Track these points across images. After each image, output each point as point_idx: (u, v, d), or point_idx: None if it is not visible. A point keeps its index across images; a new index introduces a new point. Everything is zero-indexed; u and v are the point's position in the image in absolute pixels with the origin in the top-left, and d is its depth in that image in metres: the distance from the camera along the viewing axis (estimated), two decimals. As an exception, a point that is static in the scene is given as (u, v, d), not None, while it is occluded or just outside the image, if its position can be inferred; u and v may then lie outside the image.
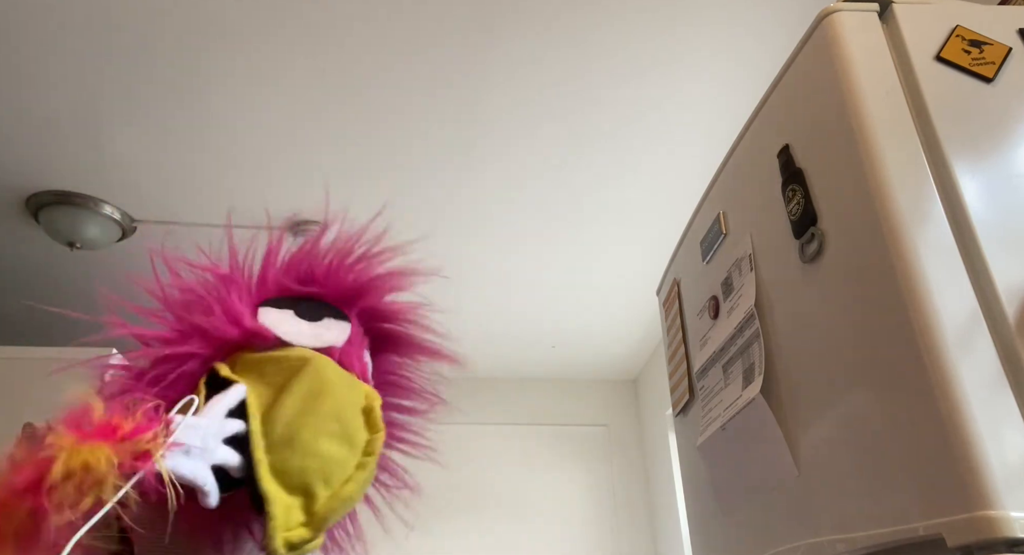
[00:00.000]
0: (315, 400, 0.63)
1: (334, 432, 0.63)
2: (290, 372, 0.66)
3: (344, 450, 0.63)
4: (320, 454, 0.61)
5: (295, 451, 0.60)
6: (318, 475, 0.61)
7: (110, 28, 1.66)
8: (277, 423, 0.61)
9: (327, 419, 0.63)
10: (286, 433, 0.61)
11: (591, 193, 2.26)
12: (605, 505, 3.30)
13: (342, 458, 0.63)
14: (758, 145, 1.03)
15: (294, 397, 0.63)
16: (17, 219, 2.25)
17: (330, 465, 0.62)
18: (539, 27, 1.69)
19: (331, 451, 0.62)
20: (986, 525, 0.60)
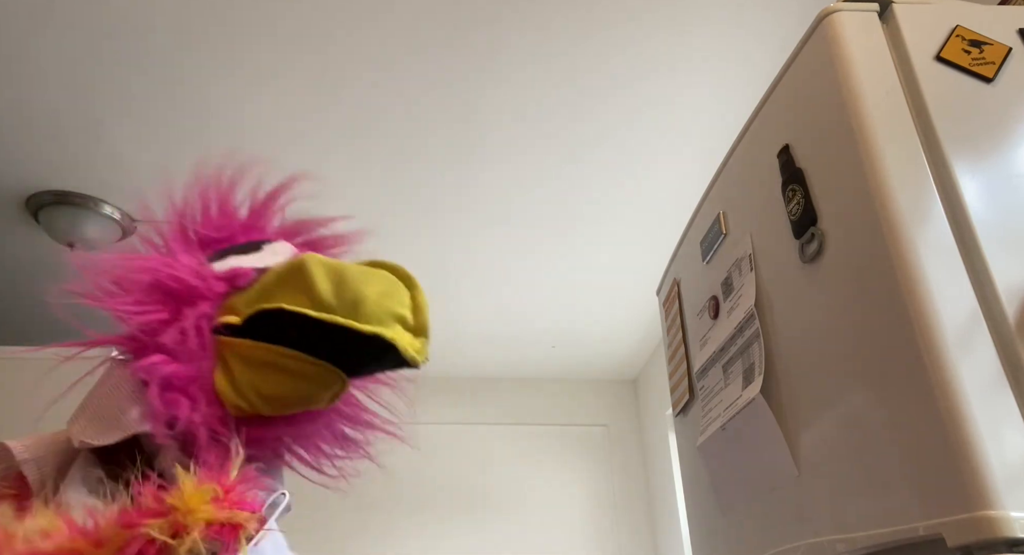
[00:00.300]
0: (337, 272, 0.69)
1: (370, 278, 0.70)
2: (294, 277, 0.69)
3: (387, 282, 0.71)
4: (380, 292, 0.69)
5: (364, 303, 0.67)
6: (395, 304, 0.70)
7: (110, 28, 1.66)
8: (328, 300, 0.67)
9: (358, 274, 0.70)
10: (344, 298, 0.67)
11: (591, 193, 2.26)
12: (605, 505, 3.30)
13: (393, 287, 0.71)
14: (758, 145, 1.03)
15: (322, 281, 0.68)
16: (17, 219, 2.25)
17: (393, 295, 0.70)
18: (539, 27, 1.69)
19: (383, 287, 0.70)
20: (986, 525, 0.60)
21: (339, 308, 0.67)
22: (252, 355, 0.68)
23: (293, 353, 0.67)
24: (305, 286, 0.68)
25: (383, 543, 3.05)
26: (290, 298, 0.68)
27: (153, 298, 0.69)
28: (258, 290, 0.71)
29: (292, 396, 0.70)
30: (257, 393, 0.68)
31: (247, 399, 0.68)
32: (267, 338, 0.68)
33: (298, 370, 0.68)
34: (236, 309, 0.70)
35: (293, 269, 0.70)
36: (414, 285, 0.74)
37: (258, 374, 0.68)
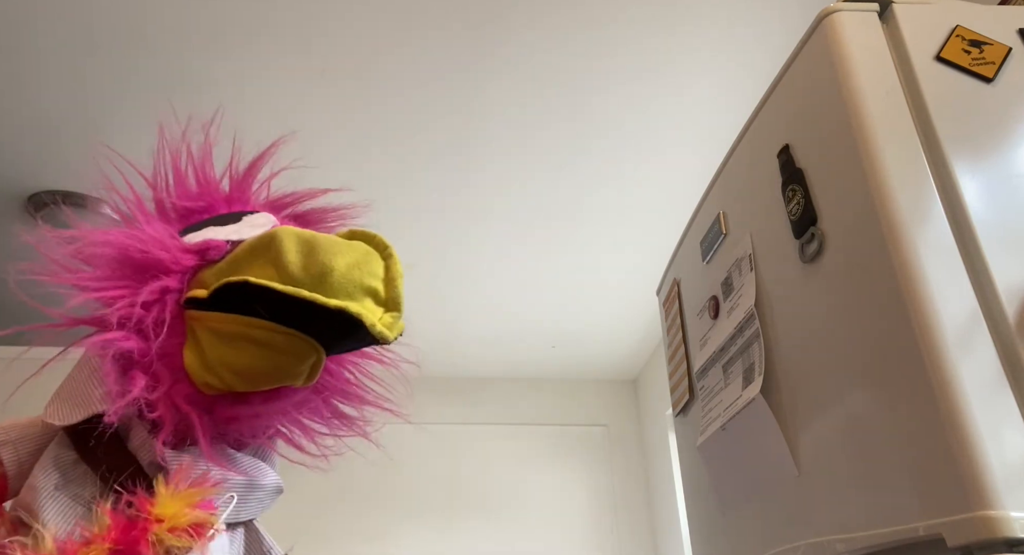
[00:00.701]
0: (308, 243, 0.65)
1: (341, 250, 0.66)
2: (264, 248, 0.66)
3: (361, 253, 0.67)
4: (350, 264, 0.65)
5: (331, 274, 0.64)
6: (365, 276, 0.66)
7: (110, 28, 1.66)
8: (296, 273, 0.64)
9: (329, 245, 0.65)
10: (311, 272, 0.64)
11: (591, 193, 2.26)
12: (605, 505, 3.30)
13: (367, 256, 0.67)
14: (758, 145, 1.03)
15: (291, 254, 0.64)
16: (17, 219, 2.25)
17: (364, 266, 0.66)
18: (540, 26, 1.69)
19: (354, 258, 0.66)
20: (986, 525, 0.60)
21: (305, 281, 0.63)
22: (220, 328, 0.65)
23: (262, 322, 0.64)
24: (274, 257, 0.65)
25: (383, 543, 3.05)
26: (258, 270, 0.65)
27: (117, 273, 0.67)
28: (228, 262, 0.68)
29: (265, 369, 0.67)
30: (228, 368, 0.66)
31: (218, 375, 0.66)
32: (228, 308, 0.65)
33: (268, 341, 0.65)
34: (205, 283, 0.67)
35: (264, 240, 0.67)
36: (389, 255, 0.70)
37: (228, 347, 0.65)
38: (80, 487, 0.64)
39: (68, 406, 0.65)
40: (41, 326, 0.69)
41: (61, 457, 0.65)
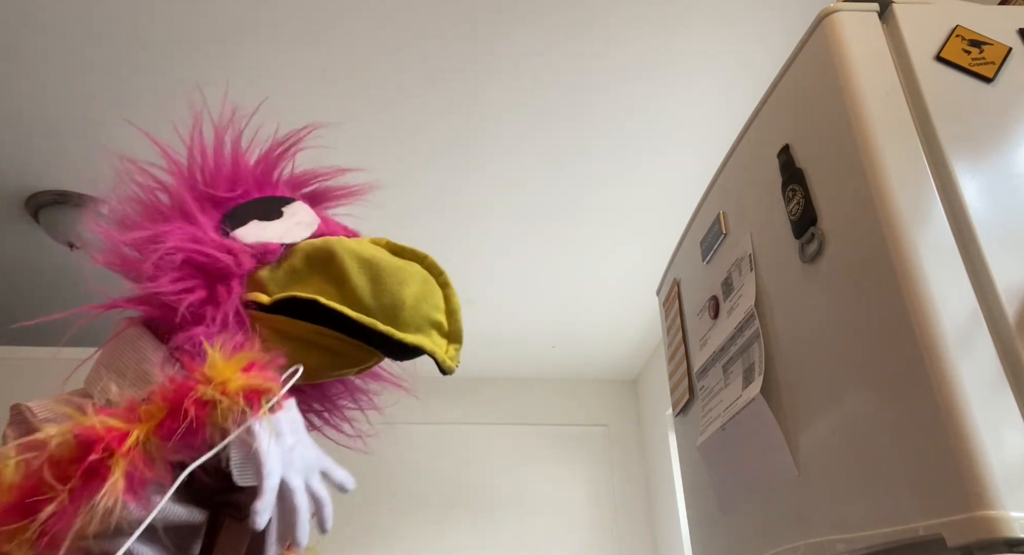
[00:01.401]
0: (371, 268, 0.69)
1: (406, 277, 0.70)
2: (325, 264, 0.71)
3: (423, 283, 0.72)
4: (418, 296, 0.70)
5: (403, 308, 0.69)
6: (431, 309, 0.71)
7: (110, 28, 1.66)
8: (366, 301, 0.68)
9: (393, 273, 0.70)
10: (383, 302, 0.68)
11: (591, 193, 2.26)
12: (605, 505, 3.30)
13: (430, 289, 0.73)
14: (758, 145, 1.03)
15: (356, 277, 0.69)
16: (17, 219, 2.25)
17: (430, 298, 0.72)
18: (540, 26, 1.69)
19: (420, 289, 0.71)
20: (986, 525, 0.60)
21: (377, 311, 0.68)
22: (287, 330, 0.69)
23: (331, 332, 0.69)
24: (337, 277, 0.69)
25: (383, 543, 3.05)
26: (319, 286, 0.70)
27: (187, 274, 0.69)
28: (287, 272, 0.72)
29: (328, 369, 0.72)
30: None
31: None
32: (295, 315, 0.69)
33: (337, 348, 0.70)
34: (263, 286, 0.71)
35: (323, 254, 0.71)
36: (446, 282, 0.75)
37: (294, 348, 0.68)
38: None
39: (125, 385, 0.65)
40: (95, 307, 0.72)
41: None
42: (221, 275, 0.70)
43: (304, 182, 0.89)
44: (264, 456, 0.59)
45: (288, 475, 0.61)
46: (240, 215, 0.76)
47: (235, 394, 0.58)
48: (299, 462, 0.63)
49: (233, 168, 0.81)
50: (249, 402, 0.59)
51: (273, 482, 0.59)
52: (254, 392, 0.60)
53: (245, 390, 0.59)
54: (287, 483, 0.61)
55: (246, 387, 0.59)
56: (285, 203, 0.80)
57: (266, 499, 0.58)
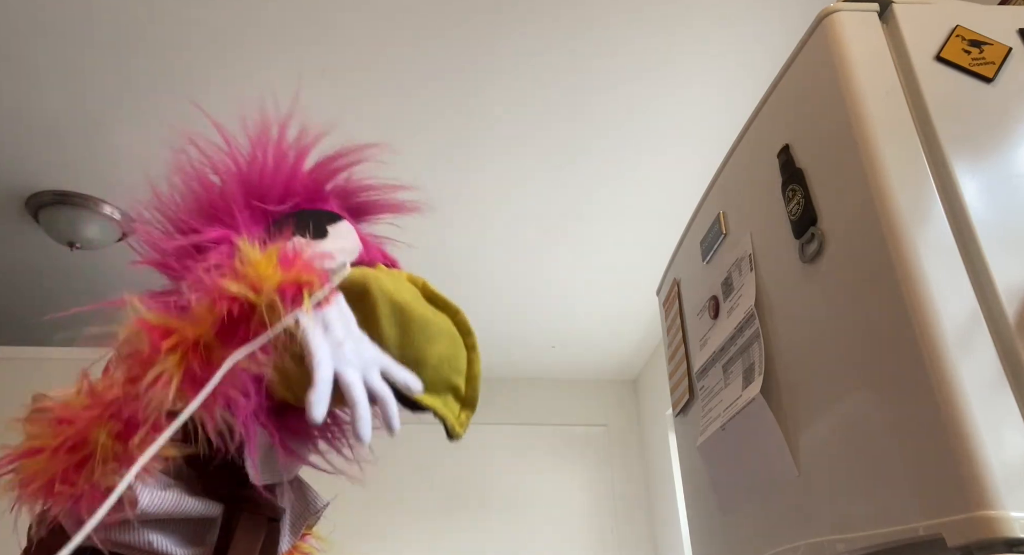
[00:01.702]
0: (402, 316, 0.68)
1: (434, 333, 0.69)
2: (358, 300, 0.69)
3: (451, 342, 0.71)
4: (441, 357, 0.69)
5: (424, 367, 0.68)
6: (451, 372, 0.70)
7: (110, 28, 1.66)
8: (391, 351, 0.67)
9: (423, 327, 0.69)
10: (406, 356, 0.67)
11: (591, 193, 2.26)
12: (605, 505, 3.30)
13: (455, 349, 0.72)
14: (758, 145, 1.03)
15: (386, 322, 0.68)
16: (17, 219, 2.25)
17: (453, 360, 0.71)
18: (540, 26, 1.69)
19: (445, 349, 0.70)
20: (986, 525, 0.60)
21: (404, 362, 0.67)
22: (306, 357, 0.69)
23: None
24: (367, 317, 0.67)
25: (383, 543, 3.05)
26: None
27: None
28: None
29: (337, 401, 0.71)
30: (306, 392, 0.68)
31: (295, 395, 0.68)
32: None
33: None
34: None
35: (358, 291, 0.69)
36: (473, 345, 0.74)
37: (309, 376, 0.67)
38: None
39: None
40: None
41: None
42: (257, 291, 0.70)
43: (353, 193, 0.88)
44: (313, 347, 0.58)
45: (341, 369, 0.60)
46: (283, 229, 0.76)
47: (271, 291, 0.59)
48: (353, 357, 0.62)
49: (289, 177, 0.80)
50: (285, 296, 0.59)
51: (325, 373, 0.58)
52: (294, 285, 0.60)
53: (282, 285, 0.59)
54: (341, 377, 0.60)
55: (283, 281, 0.59)
56: (332, 221, 0.79)
57: (320, 390, 0.57)
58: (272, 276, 0.60)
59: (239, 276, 0.60)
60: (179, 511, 0.65)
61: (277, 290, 0.59)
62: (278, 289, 0.59)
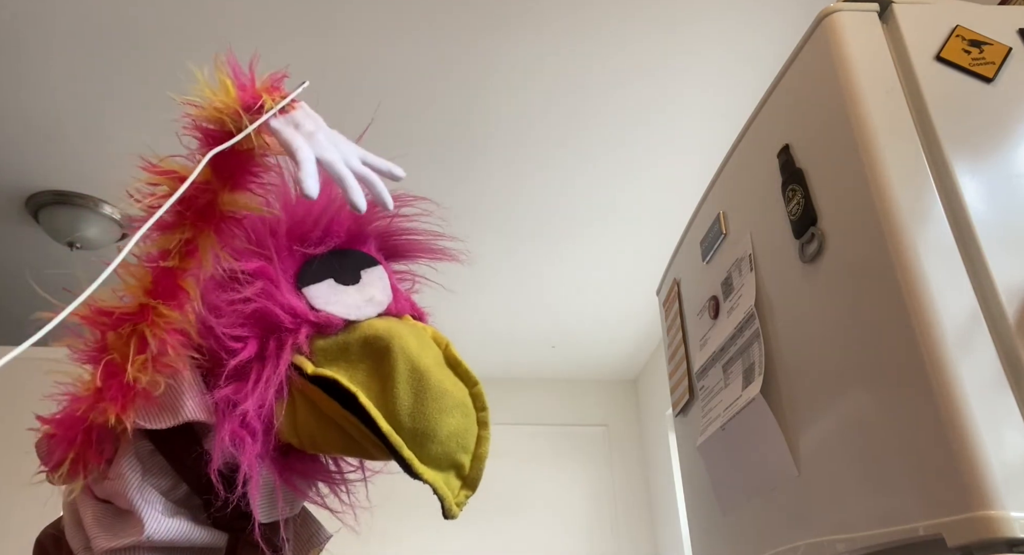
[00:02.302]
0: (419, 382, 0.67)
1: (448, 406, 0.67)
2: (378, 357, 0.68)
3: (464, 417, 0.69)
4: (451, 432, 0.67)
5: (432, 440, 0.66)
6: (458, 450, 0.68)
7: (110, 28, 1.66)
8: (402, 417, 0.65)
9: (438, 397, 0.67)
10: (416, 427, 0.66)
11: (591, 193, 2.26)
12: (605, 505, 3.30)
13: (467, 425, 0.69)
14: (758, 145, 1.03)
15: (402, 386, 0.66)
16: (17, 219, 2.25)
17: (462, 437, 0.69)
18: (540, 28, 1.69)
19: (456, 425, 0.68)
20: (986, 525, 0.60)
21: (408, 432, 0.66)
22: (321, 404, 0.68)
23: (359, 424, 0.67)
24: (384, 377, 0.67)
25: (383, 543, 3.05)
26: (366, 379, 0.68)
27: (246, 323, 0.69)
28: (339, 347, 0.70)
29: (344, 451, 0.72)
30: (312, 440, 0.70)
31: (301, 440, 0.70)
32: (329, 391, 0.68)
33: (358, 438, 0.69)
34: (314, 353, 0.70)
35: (380, 348, 0.69)
36: (485, 422, 0.72)
37: (320, 425, 0.69)
38: (157, 478, 0.68)
39: (155, 410, 0.66)
40: None
41: (140, 448, 0.68)
42: (277, 333, 0.69)
43: (394, 234, 0.87)
44: (287, 138, 0.64)
45: (320, 153, 0.65)
46: (319, 270, 0.74)
47: (234, 104, 0.65)
48: (327, 142, 0.67)
49: (334, 218, 0.78)
50: (250, 108, 0.64)
51: (306, 154, 0.63)
52: (255, 98, 0.66)
53: (243, 100, 0.65)
54: (322, 157, 0.64)
55: (244, 99, 0.65)
56: (366, 265, 0.78)
57: (305, 168, 0.62)
58: (234, 98, 0.66)
59: (209, 108, 0.65)
60: (184, 539, 0.65)
61: (240, 105, 0.66)
62: (241, 104, 0.66)
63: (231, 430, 0.64)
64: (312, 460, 0.76)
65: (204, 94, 0.67)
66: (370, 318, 0.73)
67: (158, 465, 0.68)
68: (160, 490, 0.67)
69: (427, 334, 0.75)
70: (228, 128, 0.65)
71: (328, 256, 0.76)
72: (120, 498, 0.66)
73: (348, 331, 0.71)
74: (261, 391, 0.66)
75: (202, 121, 0.67)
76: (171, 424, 0.66)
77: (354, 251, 0.79)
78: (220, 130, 0.66)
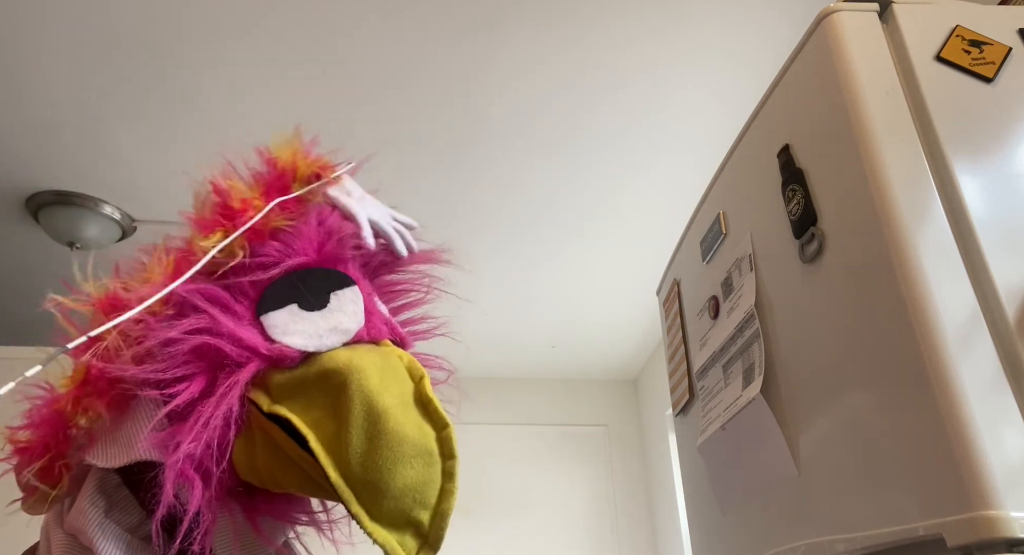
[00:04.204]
0: (374, 426, 0.60)
1: (407, 455, 0.60)
2: (335, 394, 0.62)
3: (425, 467, 0.62)
4: (407, 486, 0.60)
5: (385, 495, 0.59)
6: (415, 506, 0.61)
7: (109, 28, 1.66)
8: (353, 466, 0.59)
9: (395, 443, 0.60)
10: (368, 477, 0.59)
11: (591, 193, 2.26)
12: (605, 505, 3.30)
13: (427, 477, 0.62)
14: (758, 145, 1.03)
15: (355, 430, 0.60)
16: (17, 219, 2.25)
17: (420, 491, 0.61)
18: (540, 27, 1.69)
19: (415, 477, 0.61)
20: (986, 525, 0.60)
21: (359, 483, 0.59)
22: (279, 441, 0.63)
23: (316, 465, 0.61)
24: (339, 416, 0.61)
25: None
26: (320, 418, 0.62)
27: (191, 359, 0.64)
28: (297, 380, 0.65)
29: (304, 492, 0.66)
30: (273, 479, 0.65)
31: (262, 479, 0.65)
32: (286, 429, 0.63)
33: (316, 478, 0.63)
34: (269, 388, 0.65)
35: (337, 384, 0.63)
36: (451, 473, 0.66)
37: (279, 464, 0.64)
38: (123, 513, 0.65)
39: (112, 449, 0.65)
40: None
41: (106, 481, 0.66)
42: (227, 370, 0.64)
43: (375, 253, 0.83)
44: (347, 204, 0.80)
45: (370, 215, 0.81)
46: (281, 294, 0.69)
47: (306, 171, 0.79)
48: (372, 207, 0.83)
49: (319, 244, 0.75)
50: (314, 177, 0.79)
51: (363, 219, 0.79)
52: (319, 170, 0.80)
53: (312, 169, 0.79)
54: (372, 219, 0.81)
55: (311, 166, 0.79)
56: (338, 286, 0.72)
57: (366, 229, 0.79)
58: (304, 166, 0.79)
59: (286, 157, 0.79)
60: None
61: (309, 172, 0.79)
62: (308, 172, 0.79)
63: (179, 472, 0.59)
64: (285, 499, 0.71)
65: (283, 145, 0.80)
66: (332, 349, 0.67)
67: (124, 500, 0.65)
68: (125, 527, 0.64)
69: (399, 365, 0.67)
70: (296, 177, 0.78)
71: (295, 277, 0.70)
72: (82, 535, 0.63)
73: (307, 364, 0.65)
74: (205, 431, 0.61)
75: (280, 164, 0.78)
76: (123, 463, 0.63)
77: (326, 270, 0.73)
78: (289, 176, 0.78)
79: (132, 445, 0.63)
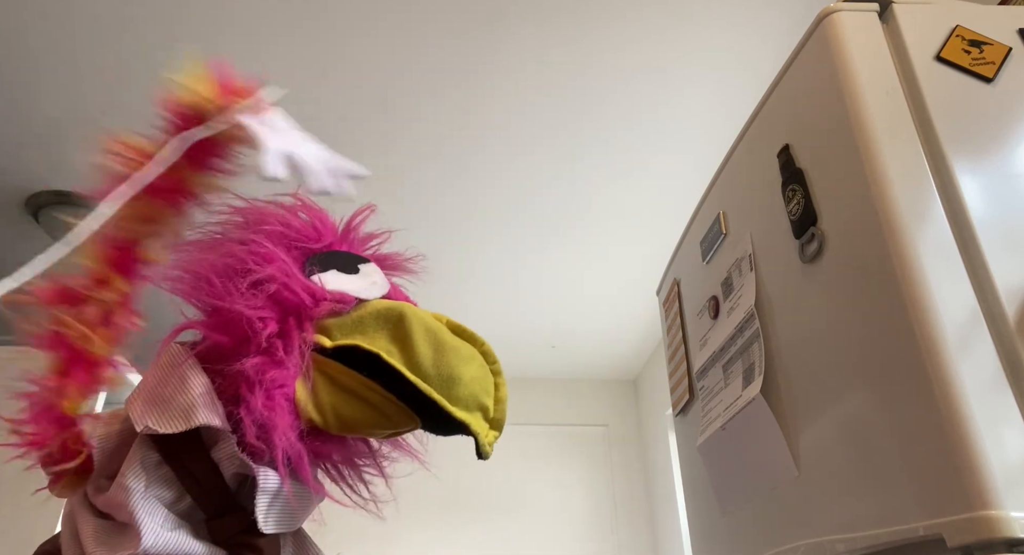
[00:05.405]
0: (435, 339, 0.71)
1: (465, 357, 0.72)
2: (394, 324, 0.72)
3: (480, 366, 0.74)
4: (473, 377, 0.72)
5: (459, 383, 0.70)
6: (482, 393, 0.73)
7: (110, 28, 1.66)
8: (426, 367, 0.69)
9: (454, 351, 0.72)
10: (442, 373, 0.70)
11: (591, 193, 2.26)
12: (605, 505, 3.30)
13: (484, 373, 0.75)
14: (758, 145, 1.03)
15: (421, 343, 0.71)
16: (17, 219, 2.25)
17: (483, 382, 0.74)
18: (540, 27, 1.69)
19: (476, 371, 0.73)
20: (986, 525, 0.60)
21: (435, 379, 0.69)
22: (339, 378, 0.70)
23: (380, 389, 0.70)
24: (403, 339, 0.71)
25: (383, 543, 3.05)
26: (383, 343, 0.71)
27: (265, 304, 0.70)
28: (355, 322, 0.73)
29: (367, 425, 0.73)
30: (335, 413, 0.70)
31: (324, 417, 0.70)
32: (350, 365, 0.70)
33: (380, 405, 0.71)
34: (329, 331, 0.72)
35: (393, 315, 0.73)
36: (499, 372, 0.77)
37: (341, 398, 0.70)
38: (162, 489, 0.66)
39: (165, 413, 0.66)
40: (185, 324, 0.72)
41: (147, 458, 0.67)
42: (296, 313, 0.71)
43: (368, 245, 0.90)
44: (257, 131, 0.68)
45: (289, 146, 0.70)
46: (323, 261, 0.78)
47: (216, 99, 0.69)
48: (297, 143, 0.72)
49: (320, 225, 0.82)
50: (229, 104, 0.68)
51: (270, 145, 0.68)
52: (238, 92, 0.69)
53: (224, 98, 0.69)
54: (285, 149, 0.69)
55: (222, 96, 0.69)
56: (362, 261, 0.82)
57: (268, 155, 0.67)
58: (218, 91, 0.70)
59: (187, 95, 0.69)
60: (182, 553, 0.64)
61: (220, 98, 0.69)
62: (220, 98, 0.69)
63: (264, 397, 0.65)
64: (338, 441, 0.77)
65: (186, 82, 0.71)
66: (376, 298, 0.77)
67: (164, 476, 0.67)
68: (164, 502, 0.66)
69: (424, 311, 0.79)
70: (204, 116, 0.69)
71: (328, 253, 0.79)
72: (121, 510, 0.65)
73: (360, 308, 0.74)
74: (291, 360, 0.67)
75: (182, 105, 0.70)
76: (182, 429, 0.64)
77: (346, 252, 0.82)
78: (195, 116, 0.69)
79: (191, 413, 0.65)
